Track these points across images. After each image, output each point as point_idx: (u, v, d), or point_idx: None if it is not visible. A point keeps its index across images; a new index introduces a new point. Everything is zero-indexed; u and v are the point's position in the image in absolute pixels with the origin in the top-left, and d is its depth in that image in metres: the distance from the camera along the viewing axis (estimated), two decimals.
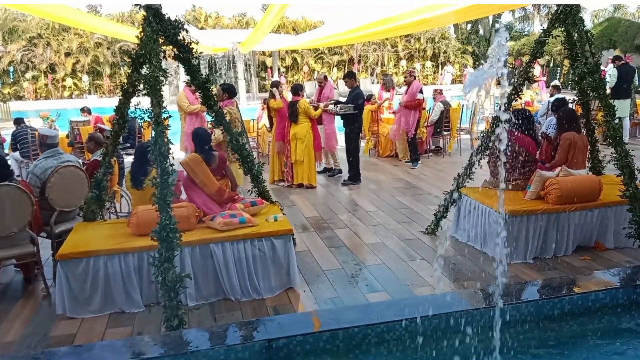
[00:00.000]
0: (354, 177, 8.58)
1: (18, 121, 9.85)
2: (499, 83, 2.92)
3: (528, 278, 4.70)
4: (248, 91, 23.41)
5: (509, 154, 5.42)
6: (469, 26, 35.28)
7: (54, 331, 4.07)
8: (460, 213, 5.69)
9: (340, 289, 4.63)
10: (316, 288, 4.66)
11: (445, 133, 10.74)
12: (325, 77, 9.42)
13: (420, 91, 9.58)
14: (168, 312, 3.65)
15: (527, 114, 5.64)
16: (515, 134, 5.45)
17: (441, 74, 30.38)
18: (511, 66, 25.56)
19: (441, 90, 11.40)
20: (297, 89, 8.56)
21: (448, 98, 11.67)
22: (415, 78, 9.74)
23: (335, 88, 9.25)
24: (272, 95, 8.50)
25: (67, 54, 28.12)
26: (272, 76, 26.45)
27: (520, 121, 5.41)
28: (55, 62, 27.95)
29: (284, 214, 5.02)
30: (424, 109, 10.47)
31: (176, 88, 21.23)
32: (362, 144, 10.99)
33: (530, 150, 5.52)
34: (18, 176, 4.90)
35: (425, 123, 10.44)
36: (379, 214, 6.82)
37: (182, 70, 17.90)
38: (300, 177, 8.29)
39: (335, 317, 3.45)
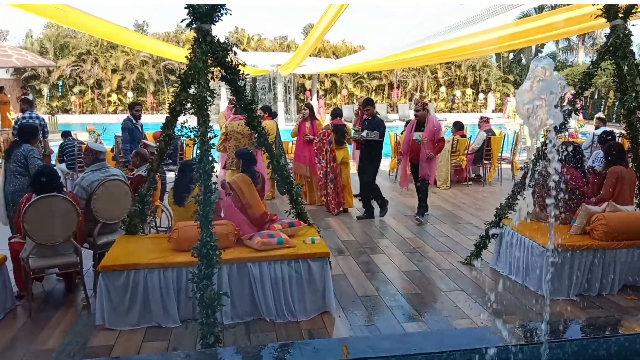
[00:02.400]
0: (369, 212, 7.93)
1: (65, 134, 10.20)
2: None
3: (571, 315, 4.54)
4: (286, 112, 23.70)
5: (559, 187, 5.30)
6: (511, 55, 34.99)
7: (93, 341, 4.14)
8: (502, 245, 5.57)
9: (376, 316, 4.56)
10: (351, 314, 4.61)
11: (486, 162, 10.59)
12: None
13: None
14: (205, 329, 3.66)
15: (576, 146, 5.54)
16: (564, 166, 5.33)
17: (505, 102, 29.25)
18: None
19: (488, 118, 11.26)
20: (337, 113, 8.60)
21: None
22: (429, 112, 7.94)
23: (377, 113, 9.15)
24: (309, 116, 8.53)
25: (114, 71, 29.12)
26: (311, 98, 26.73)
27: (570, 154, 5.30)
28: (102, 77, 28.97)
29: (321, 236, 5.01)
30: (464, 136, 10.37)
31: (216, 107, 21.65)
32: (400, 170, 10.95)
33: (578, 184, 5.39)
34: (63, 187, 5.05)
35: (466, 151, 10.32)
36: (416, 241, 6.73)
37: (222, 91, 18.28)
38: (347, 202, 8.28)
39: (371, 345, 3.39)
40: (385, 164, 12.21)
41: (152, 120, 19.22)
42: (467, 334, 3.66)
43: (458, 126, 10.61)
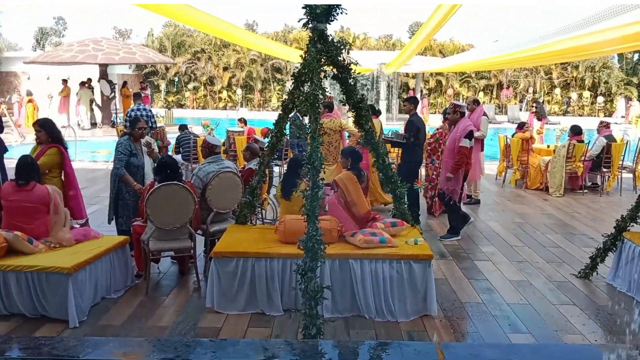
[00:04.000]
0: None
1: (182, 127, 10.94)
2: None
3: None
4: (388, 111, 23.54)
5: None
6: (635, 56, 32.08)
7: (202, 322, 4.41)
8: (621, 259, 5.15)
9: (479, 324, 4.42)
10: (453, 319, 4.50)
11: (604, 170, 9.83)
12: (476, 102, 9.06)
13: (468, 135, 6.53)
14: (307, 320, 3.76)
15: None
16: None
17: (627, 107, 26.75)
18: None
19: (608, 123, 10.44)
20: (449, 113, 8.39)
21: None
22: (463, 115, 6.79)
23: (485, 114, 8.80)
24: None
25: (225, 68, 30.61)
26: None
27: None
28: (214, 75, 30.57)
29: (423, 238, 4.94)
30: (581, 141, 9.69)
31: None
32: (509, 173, 10.49)
33: None
34: (182, 177, 5.41)
35: (583, 157, 9.65)
36: (524, 250, 6.41)
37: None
38: None
39: (475, 353, 3.28)
40: (492, 167, 11.78)
41: (258, 117, 20.04)
42: (579, 351, 3.43)
43: (575, 131, 9.93)
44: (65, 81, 19.78)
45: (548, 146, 10.98)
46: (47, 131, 5.46)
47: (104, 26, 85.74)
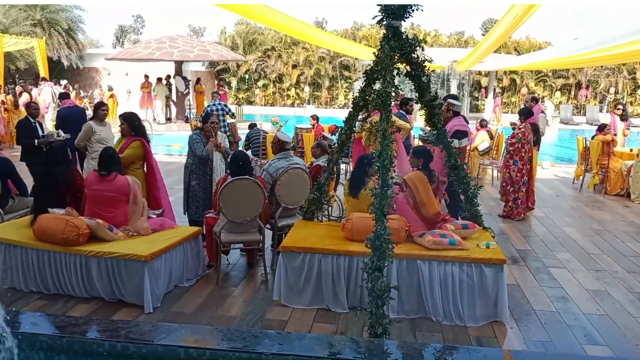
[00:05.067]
0: None
1: (252, 126, 11.27)
2: None
3: None
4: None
5: None
6: None
7: (269, 314, 4.49)
8: None
9: (552, 333, 4.23)
10: (525, 327, 4.34)
11: None
12: (535, 99, 8.67)
13: (456, 135, 6.20)
14: (373, 319, 3.73)
15: None
16: None
17: None
18: None
19: None
20: (528, 112, 8.07)
21: None
22: (457, 114, 6.56)
23: (542, 112, 8.37)
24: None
25: (294, 66, 30.94)
26: (486, 96, 25.57)
27: None
28: (283, 72, 30.98)
29: (496, 241, 4.78)
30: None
31: None
32: (587, 177, 9.96)
33: None
34: (253, 172, 5.53)
35: None
36: (603, 258, 6.07)
37: None
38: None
39: None
40: (569, 170, 11.26)
41: (325, 115, 20.13)
42: None
43: None
44: (147, 77, 20.70)
45: (631, 150, 10.32)
46: (129, 124, 5.75)
47: (179, 24, 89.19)
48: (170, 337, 3.19)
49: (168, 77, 20.86)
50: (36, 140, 7.32)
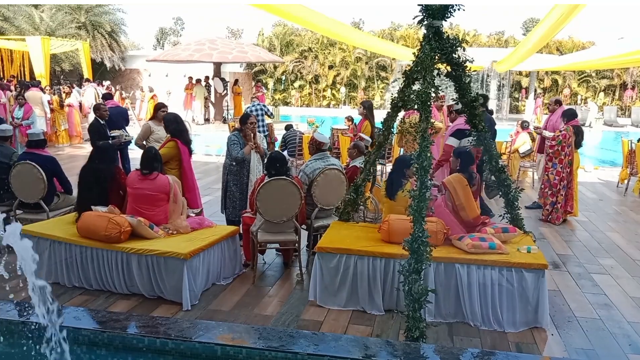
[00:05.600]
0: None
1: (288, 127, 11.38)
2: None
3: None
4: (498, 111, 22.57)
5: None
6: None
7: (305, 314, 4.50)
8: None
9: (595, 341, 4.10)
10: (566, 334, 4.22)
11: None
12: (558, 102, 8.42)
13: (457, 132, 6.43)
14: (410, 322, 3.71)
15: None
16: None
17: None
18: None
19: None
20: (572, 114, 7.84)
21: None
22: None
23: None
24: None
25: (330, 67, 31.00)
26: (527, 97, 25.00)
27: None
28: (320, 73, 31.07)
29: (537, 246, 4.67)
30: None
31: None
32: (632, 181, 9.62)
33: None
34: (289, 172, 5.56)
35: None
36: None
37: None
38: (575, 211, 7.67)
39: None
40: (613, 174, 10.92)
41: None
42: None
43: None
44: (191, 79, 21.06)
45: None
46: (165, 125, 5.87)
47: (217, 26, 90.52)
48: (208, 334, 3.24)
49: (207, 78, 21.20)
50: (110, 141, 7.43)
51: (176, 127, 5.87)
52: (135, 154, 7.48)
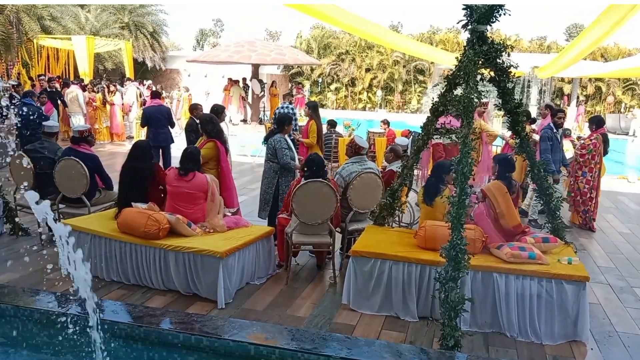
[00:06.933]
0: None
1: (331, 123, 11.18)
2: None
3: None
4: (538, 117, 22.03)
5: None
6: None
7: (337, 318, 4.48)
8: None
9: (637, 357, 3.95)
10: (606, 349, 4.08)
11: None
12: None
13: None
14: (445, 330, 3.65)
15: None
16: None
17: None
18: None
19: None
20: (600, 120, 7.71)
21: None
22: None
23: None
24: None
25: (367, 70, 30.92)
26: (569, 104, 24.36)
27: None
28: (356, 76, 31.03)
29: (578, 258, 4.53)
30: None
31: None
32: None
33: None
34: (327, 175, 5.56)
35: None
36: None
37: None
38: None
39: None
40: None
41: (396, 119, 19.94)
42: None
43: None
44: (230, 79, 21.29)
45: None
46: (201, 125, 5.95)
47: (256, 27, 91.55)
48: (241, 333, 3.27)
49: (244, 79, 21.41)
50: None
51: (213, 128, 5.93)
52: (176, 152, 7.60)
